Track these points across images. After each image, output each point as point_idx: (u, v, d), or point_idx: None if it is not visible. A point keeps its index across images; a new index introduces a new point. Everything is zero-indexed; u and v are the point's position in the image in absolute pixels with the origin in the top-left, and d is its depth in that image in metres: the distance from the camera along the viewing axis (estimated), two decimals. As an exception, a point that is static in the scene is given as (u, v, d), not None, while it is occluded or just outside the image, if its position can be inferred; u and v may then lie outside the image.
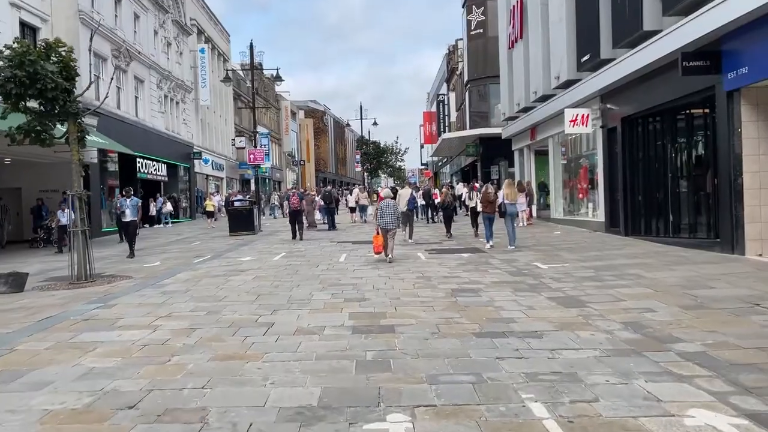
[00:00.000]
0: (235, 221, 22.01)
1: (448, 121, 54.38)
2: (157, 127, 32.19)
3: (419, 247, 15.77)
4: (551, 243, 15.43)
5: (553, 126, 21.67)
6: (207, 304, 8.17)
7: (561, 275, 10.12)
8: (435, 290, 8.93)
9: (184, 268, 12.49)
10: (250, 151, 24.81)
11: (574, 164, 21.43)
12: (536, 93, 22.28)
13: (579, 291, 8.59)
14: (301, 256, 13.99)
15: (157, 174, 31.71)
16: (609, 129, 17.17)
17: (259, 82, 64.54)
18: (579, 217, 20.34)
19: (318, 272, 11.20)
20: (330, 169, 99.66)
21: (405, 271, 11.17)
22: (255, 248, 16.53)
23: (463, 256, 13.28)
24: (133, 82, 29.43)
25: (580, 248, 14.04)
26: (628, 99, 15.77)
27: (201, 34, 42.70)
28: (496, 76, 32.60)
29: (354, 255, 14.00)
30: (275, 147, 70.25)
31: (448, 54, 54.63)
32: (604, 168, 17.46)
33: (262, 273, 11.27)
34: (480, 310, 7.41)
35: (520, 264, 11.77)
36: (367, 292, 8.85)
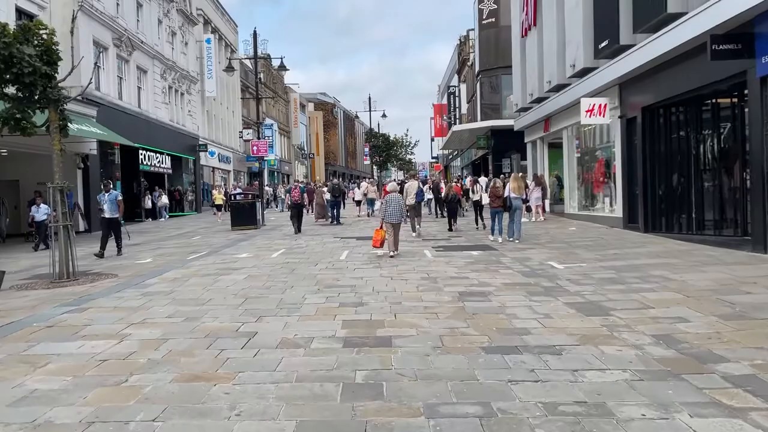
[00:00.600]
0: (238, 215, 21.30)
1: (458, 113, 53.36)
2: (161, 118, 31.55)
3: (426, 243, 14.95)
4: (566, 240, 14.56)
5: (567, 117, 20.72)
6: (188, 308, 7.42)
7: (579, 276, 9.28)
8: (440, 293, 8.13)
9: (175, 265, 11.78)
10: (254, 142, 24.05)
11: (589, 157, 20.48)
12: (550, 82, 21.33)
13: (600, 296, 7.75)
14: (300, 253, 13.23)
15: (160, 166, 31.09)
16: (628, 119, 16.22)
17: (267, 73, 63.84)
18: (595, 212, 19.42)
19: (316, 271, 10.42)
20: (340, 163, 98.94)
21: (409, 270, 10.37)
22: (255, 244, 15.79)
23: (472, 254, 12.45)
24: (135, 72, 28.76)
25: (598, 246, 13.17)
26: (649, 87, 14.83)
27: (207, 24, 41.98)
28: (508, 67, 31.65)
29: (357, 252, 13.22)
30: (284, 140, 69.58)
31: (459, 45, 53.56)
32: (623, 160, 16.52)
33: (256, 272, 10.52)
34: (490, 319, 6.60)
35: (534, 263, 10.94)
36: (366, 295, 8.07)
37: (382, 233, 12.36)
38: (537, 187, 20.84)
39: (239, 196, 21.83)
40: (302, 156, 79.21)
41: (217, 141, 43.36)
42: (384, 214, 12.49)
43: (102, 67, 25.45)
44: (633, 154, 16.16)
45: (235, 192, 21.55)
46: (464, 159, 53.12)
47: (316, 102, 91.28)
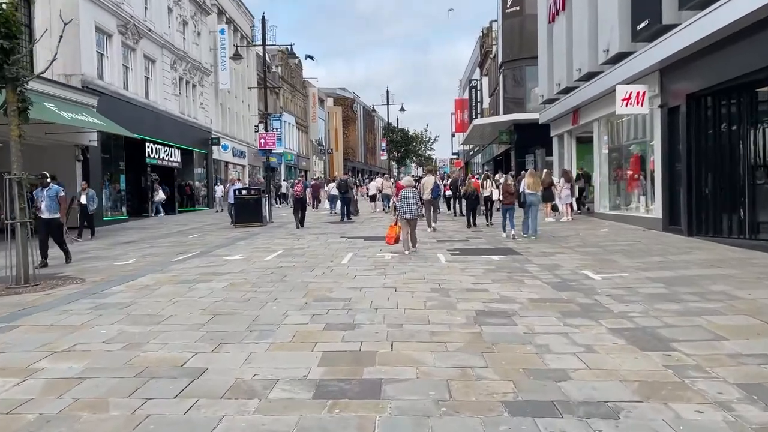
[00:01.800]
0: (242, 211, 19.96)
1: (480, 107, 51.55)
2: (171, 110, 30.40)
3: (441, 244, 13.43)
4: (600, 243, 12.92)
5: (599, 108, 18.99)
6: (137, 329, 6.02)
7: (621, 291, 7.69)
8: (452, 312, 6.62)
9: (155, 269, 10.42)
10: (261, 134, 22.73)
11: (624, 151, 18.74)
12: (580, 70, 19.60)
13: (653, 319, 6.17)
14: (299, 256, 11.80)
15: (169, 160, 29.93)
16: (670, 109, 14.49)
17: (285, 67, 62.67)
18: (629, 212, 17.69)
19: (309, 279, 8.97)
20: (359, 159, 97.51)
21: (418, 279, 8.87)
22: (253, 243, 14.41)
23: (492, 259, 10.90)
24: (142, 62, 27.60)
25: (637, 251, 11.52)
26: (696, 72, 13.10)
27: (222, 14, 40.77)
28: (533, 57, 29.88)
29: (362, 255, 11.75)
30: (302, 135, 68.42)
31: (482, 37, 51.72)
32: (663, 155, 14.79)
33: (240, 278, 9.11)
34: (515, 352, 5.08)
35: (565, 272, 9.36)
36: (361, 313, 6.59)
37: (396, 230, 11.94)
38: (567, 184, 19.16)
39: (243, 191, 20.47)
40: (320, 151, 77.99)
41: (231, 135, 42.21)
42: (399, 210, 12.04)
43: (106, 55, 24.32)
44: (675, 147, 14.43)
45: (236, 187, 20.16)
46: (486, 155, 51.31)
47: (335, 97, 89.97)
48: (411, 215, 11.99)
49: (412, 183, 13.10)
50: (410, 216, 11.98)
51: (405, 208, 11.95)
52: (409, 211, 11.94)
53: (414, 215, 12.06)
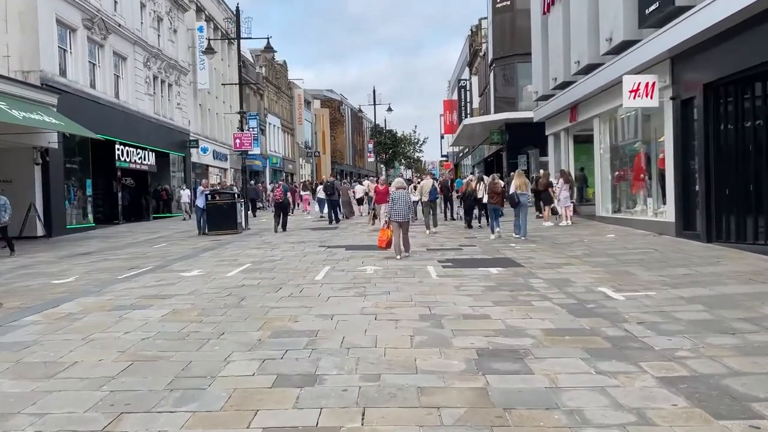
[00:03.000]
0: (214, 218, 18.32)
1: (470, 108, 50.22)
2: (144, 110, 28.69)
3: (431, 254, 11.92)
4: (610, 252, 11.46)
5: (600, 102, 17.59)
6: (18, 387, 4.43)
7: (654, 316, 6.21)
8: (447, 352, 5.10)
9: (92, 290, 8.80)
10: (236, 135, 21.11)
11: (627, 150, 17.34)
12: (579, 63, 18.19)
13: (712, 362, 4.68)
14: (267, 270, 10.21)
15: (142, 163, 28.19)
16: (683, 101, 13.08)
17: (270, 68, 61.01)
18: (635, 215, 16.26)
19: (272, 302, 7.40)
20: (347, 161, 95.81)
21: (404, 301, 7.34)
22: (219, 255, 12.82)
23: (491, 273, 9.39)
24: (112, 59, 25.89)
25: (655, 261, 10.06)
26: (714, 59, 11.69)
27: (201, 11, 39.11)
28: (526, 54, 28.56)
29: (340, 269, 10.20)
30: (288, 137, 66.77)
31: (471, 35, 50.39)
32: (675, 152, 13.37)
33: (187, 303, 7.52)
34: (538, 425, 3.57)
35: (579, 289, 7.87)
36: (328, 355, 5.05)
37: (388, 233, 11.43)
38: (565, 185, 17.72)
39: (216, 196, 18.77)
40: (307, 154, 76.33)
41: (212, 137, 40.51)
42: (390, 213, 11.56)
43: (69, 51, 22.62)
44: (689, 144, 13.02)
45: (206, 191, 18.43)
46: (476, 156, 49.97)
47: (322, 99, 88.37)
48: (402, 218, 11.42)
49: (403, 185, 12.51)
50: (401, 219, 11.42)
51: (396, 211, 11.38)
52: (400, 214, 11.37)
53: (405, 218, 11.50)
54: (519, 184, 14.72)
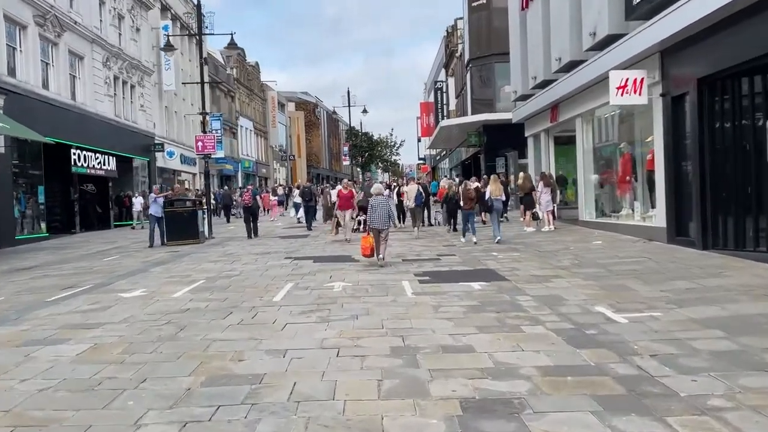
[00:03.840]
0: (173, 227, 17.02)
1: (446, 110, 49.42)
2: (103, 112, 27.17)
3: (407, 266, 10.86)
4: (600, 261, 10.52)
5: (583, 101, 16.74)
6: None
7: (667, 345, 5.23)
8: (422, 404, 4.03)
9: (15, 314, 7.57)
10: (198, 137, 19.78)
11: (611, 151, 16.50)
12: (560, 60, 17.32)
13: (755, 414, 3.69)
14: (221, 289, 9.03)
15: (101, 168, 26.66)
16: (674, 98, 12.22)
17: (241, 69, 59.54)
18: (621, 220, 15.40)
19: (217, 333, 6.25)
20: (323, 165, 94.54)
21: (374, 328, 6.25)
22: (171, 270, 11.59)
23: (473, 289, 8.36)
24: (67, 58, 24.38)
25: (652, 272, 9.13)
26: (709, 51, 10.84)
27: (166, 10, 37.60)
28: (503, 54, 27.76)
29: (304, 286, 9.07)
30: (261, 140, 65.32)
31: (447, 36, 49.60)
32: (666, 153, 12.51)
33: (114, 335, 6.33)
34: None
35: (573, 308, 6.87)
36: (269, 414, 3.93)
37: (370, 240, 10.94)
38: (546, 189, 16.82)
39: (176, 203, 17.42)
40: (282, 158, 74.86)
41: (179, 141, 38.96)
42: (369, 220, 11.20)
43: (19, 48, 21.11)
44: (681, 143, 12.18)
45: (159, 198, 17.01)
46: (453, 159, 49.17)
47: (297, 101, 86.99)
48: (381, 225, 10.96)
49: (382, 190, 12.12)
50: (379, 226, 10.95)
51: (374, 217, 10.95)
52: (378, 221, 10.92)
53: (384, 225, 11.03)
54: (494, 189, 14.86)
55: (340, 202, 15.89)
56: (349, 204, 15.62)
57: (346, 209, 15.70)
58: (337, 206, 16.07)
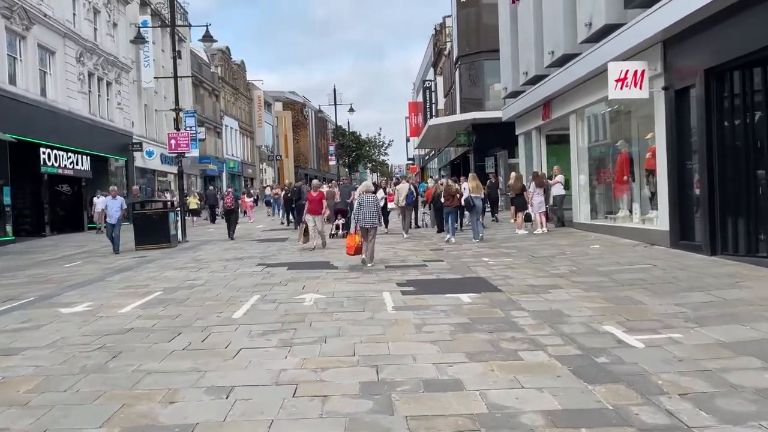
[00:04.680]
0: (143, 231, 15.95)
1: (435, 109, 48.54)
2: (77, 110, 25.96)
3: (390, 274, 9.88)
4: (600, 268, 9.59)
5: (577, 97, 15.86)
6: None
7: (697, 379, 4.28)
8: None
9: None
10: (170, 134, 18.70)
11: (608, 149, 15.62)
12: (553, 53, 16.41)
13: None
14: (177, 303, 8.00)
15: (74, 168, 25.42)
16: (677, 91, 11.33)
17: (226, 68, 58.34)
18: (619, 222, 14.52)
19: (154, 363, 5.22)
20: (311, 165, 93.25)
21: (344, 354, 5.27)
22: (130, 279, 10.52)
23: (462, 302, 7.40)
24: (37, 53, 23.18)
25: (660, 282, 8.21)
26: (717, 40, 9.95)
27: (146, 5, 36.39)
28: (493, 50, 26.93)
29: (272, 299, 8.06)
30: (246, 140, 64.09)
31: (435, 34, 48.74)
32: (669, 150, 11.62)
33: (32, 364, 5.28)
34: None
35: (577, 327, 5.93)
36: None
37: (356, 239, 10.81)
38: (539, 189, 15.92)
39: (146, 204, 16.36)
40: (269, 158, 73.63)
41: (159, 140, 37.61)
42: (357, 218, 10.97)
43: (-16, 43, 19.93)
44: (685, 140, 11.29)
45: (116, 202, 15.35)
46: (442, 159, 48.32)
47: (284, 101, 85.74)
48: (370, 224, 10.86)
49: (371, 189, 12.13)
50: (369, 224, 10.86)
51: (363, 216, 10.83)
52: (367, 220, 10.82)
53: (373, 224, 10.95)
54: (473, 187, 14.84)
55: (309, 205, 14.15)
56: (320, 207, 14.09)
57: (315, 214, 13.96)
58: (306, 210, 14.25)
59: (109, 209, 15.44)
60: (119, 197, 15.94)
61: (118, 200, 15.63)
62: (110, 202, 15.63)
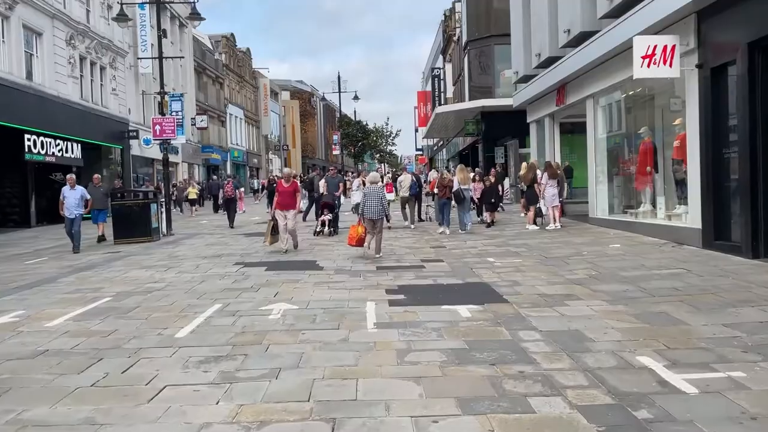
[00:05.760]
0: (122, 224, 14.75)
1: (443, 97, 47.00)
2: (66, 95, 24.81)
3: (380, 277, 8.58)
4: (625, 273, 8.22)
5: (595, 79, 14.41)
6: None
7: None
8: None
9: None
10: (155, 119, 17.46)
11: (630, 137, 14.19)
12: (569, 32, 14.96)
13: None
14: (122, 314, 6.73)
15: (63, 156, 24.25)
16: (713, 69, 9.89)
17: (231, 55, 57.06)
18: (640, 218, 13.11)
19: (39, 410, 3.91)
20: (319, 155, 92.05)
21: (294, 397, 3.98)
22: (88, 280, 9.29)
23: (459, 317, 6.10)
24: (21, 34, 22.00)
25: (699, 292, 6.84)
26: (762, 8, 8.52)
27: (144, -13, 35.04)
28: (503, 35, 25.50)
29: (231, 310, 6.77)
30: (252, 129, 62.91)
31: (444, 20, 47.13)
32: (704, 137, 10.19)
33: None
34: None
35: (605, 359, 4.60)
36: None
37: (359, 230, 10.62)
38: (552, 181, 14.53)
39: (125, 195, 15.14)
40: (275, 148, 72.42)
41: (159, 128, 36.48)
42: (362, 209, 10.83)
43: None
44: (722, 125, 9.85)
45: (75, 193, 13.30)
46: (450, 150, 46.88)
47: (292, 90, 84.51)
48: (375, 215, 10.57)
49: (377, 179, 11.75)
50: (374, 216, 10.56)
51: (369, 207, 10.58)
52: (373, 211, 10.54)
53: (379, 215, 10.64)
54: (461, 178, 14.69)
55: (278, 198, 11.83)
56: (292, 201, 11.72)
57: (287, 209, 11.58)
58: (275, 204, 11.98)
59: (67, 201, 13.14)
60: (79, 187, 13.68)
61: (78, 190, 13.42)
62: (68, 192, 13.28)
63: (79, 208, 13.23)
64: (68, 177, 13.75)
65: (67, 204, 13.15)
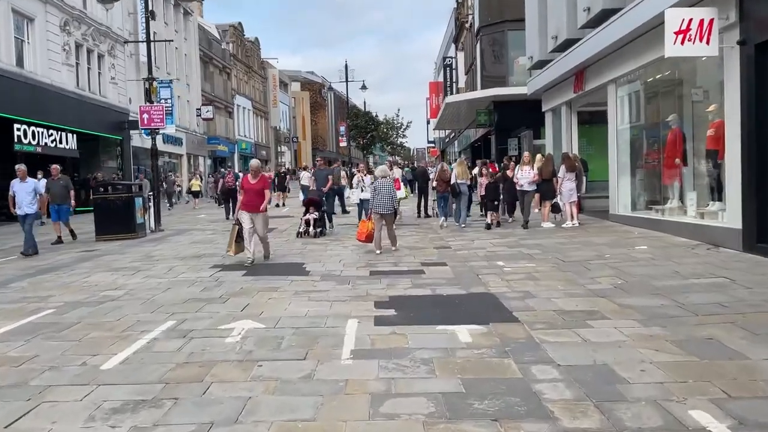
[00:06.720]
0: (104, 219, 13.75)
1: (455, 87, 45.63)
2: (60, 83, 23.86)
3: (371, 286, 7.44)
4: (656, 283, 7.00)
5: (618, 62, 13.11)
6: None
7: None
8: None
9: None
10: (142, 108, 16.43)
11: (657, 125, 12.89)
12: (589, 10, 13.63)
13: None
14: (53, 332, 5.63)
15: (57, 147, 23.32)
16: (758, 45, 8.58)
17: (239, 45, 55.98)
18: (667, 215, 11.83)
19: None
20: (329, 148, 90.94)
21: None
22: (42, 285, 8.24)
23: (458, 342, 4.96)
24: (11, 19, 21.07)
25: (750, 311, 5.62)
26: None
27: (145, -27, 33.99)
28: (517, 20, 24.13)
29: (183, 330, 5.66)
30: (260, 121, 61.92)
31: (457, 7, 45.71)
32: (746, 124, 8.90)
33: None
34: None
35: (645, 414, 3.42)
36: None
37: (368, 225, 10.57)
38: (569, 174, 13.28)
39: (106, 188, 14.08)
40: (285, 139, 71.43)
41: (161, 118, 35.53)
42: (372, 203, 10.57)
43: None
44: (766, 110, 8.56)
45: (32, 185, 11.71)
46: (462, 142, 45.51)
47: (302, 81, 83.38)
48: (385, 209, 10.38)
49: (387, 173, 11.41)
50: (384, 210, 10.37)
51: (378, 201, 10.36)
52: (382, 205, 10.35)
53: (389, 209, 10.44)
54: (459, 172, 14.31)
55: (243, 197, 9.63)
56: (257, 201, 9.51)
57: (253, 210, 9.48)
58: (239, 205, 9.76)
59: (18, 196, 11.41)
60: (30, 180, 11.87)
61: (29, 183, 11.62)
62: (17, 186, 11.49)
63: (31, 206, 11.46)
64: (18, 168, 11.87)
65: (18, 199, 11.43)
